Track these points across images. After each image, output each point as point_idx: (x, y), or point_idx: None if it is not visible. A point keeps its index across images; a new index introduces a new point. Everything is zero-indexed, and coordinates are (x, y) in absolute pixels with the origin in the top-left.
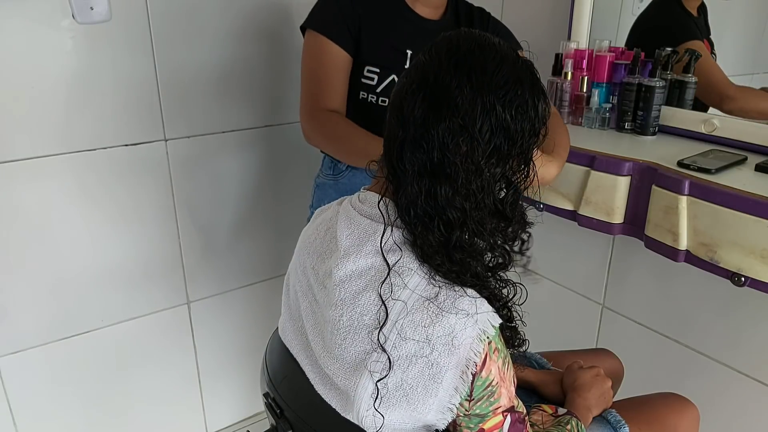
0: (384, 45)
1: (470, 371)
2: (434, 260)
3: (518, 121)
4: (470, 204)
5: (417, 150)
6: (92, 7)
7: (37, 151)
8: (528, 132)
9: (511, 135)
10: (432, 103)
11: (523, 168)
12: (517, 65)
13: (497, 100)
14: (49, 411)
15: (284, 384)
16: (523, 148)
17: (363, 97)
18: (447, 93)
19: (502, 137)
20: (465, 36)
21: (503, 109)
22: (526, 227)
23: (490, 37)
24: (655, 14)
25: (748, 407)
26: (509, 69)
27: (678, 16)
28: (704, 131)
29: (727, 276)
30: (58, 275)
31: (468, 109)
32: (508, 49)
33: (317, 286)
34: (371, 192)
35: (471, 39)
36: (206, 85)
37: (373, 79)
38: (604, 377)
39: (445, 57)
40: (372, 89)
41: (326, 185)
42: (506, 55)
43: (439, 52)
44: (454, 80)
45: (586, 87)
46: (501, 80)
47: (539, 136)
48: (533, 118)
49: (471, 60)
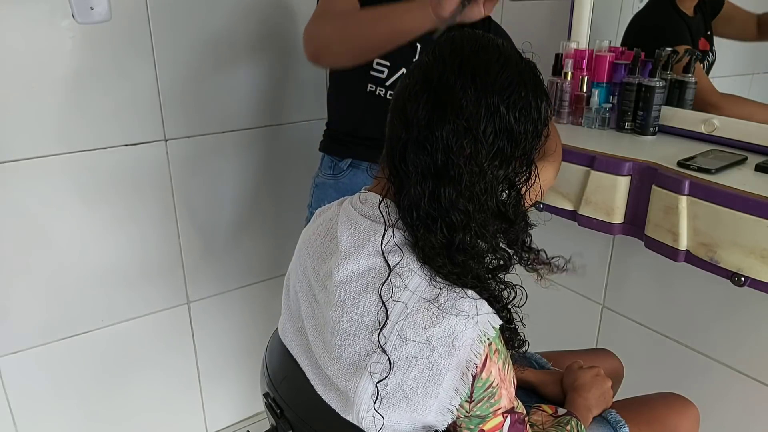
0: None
1: (470, 373)
2: (435, 262)
3: (522, 122)
4: (474, 206)
5: (420, 152)
6: (92, 7)
7: (37, 151)
8: (531, 134)
9: (515, 137)
10: (436, 105)
11: (526, 170)
12: (520, 67)
13: (501, 101)
14: (49, 411)
15: (284, 384)
16: (526, 150)
17: (371, 89)
18: (451, 95)
19: (506, 139)
20: (468, 37)
21: (507, 111)
22: (528, 229)
23: (493, 38)
24: (647, 14)
25: (749, 407)
26: (513, 70)
27: (669, 18)
28: (704, 131)
29: (727, 276)
30: (58, 275)
31: (472, 110)
32: (511, 50)
33: (318, 286)
34: (372, 193)
35: (474, 40)
36: (206, 85)
37: (383, 72)
38: (604, 377)
39: (449, 58)
40: (381, 82)
41: (326, 185)
42: (510, 56)
43: (443, 53)
44: (459, 82)
45: (586, 87)
46: (505, 82)
47: (542, 138)
48: (536, 119)
49: (475, 61)
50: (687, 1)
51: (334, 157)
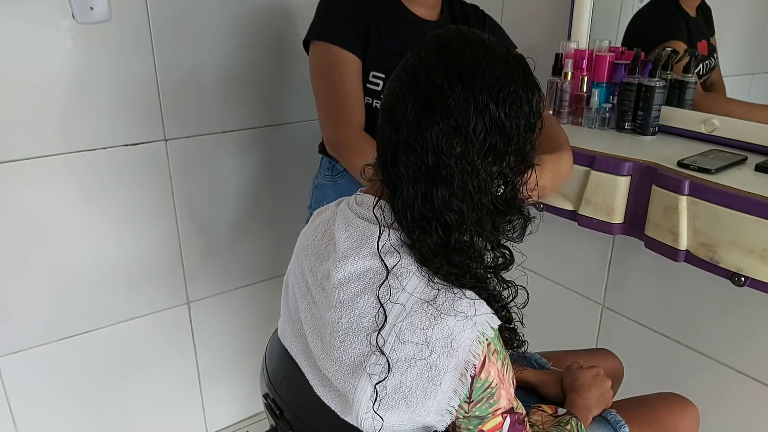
0: (388, 49)
1: (469, 373)
2: (433, 263)
3: (513, 117)
4: (467, 205)
5: (411, 154)
6: (92, 7)
7: (37, 151)
8: (523, 128)
9: (507, 132)
10: (424, 106)
11: (521, 164)
12: (508, 61)
13: (490, 98)
14: (49, 411)
15: (284, 385)
16: (520, 144)
17: (368, 102)
18: (439, 95)
19: (497, 135)
20: (454, 34)
21: (497, 107)
22: (527, 222)
23: (480, 34)
24: (648, 13)
25: (748, 407)
26: (501, 66)
27: (668, 14)
28: (704, 131)
29: (727, 276)
30: (58, 275)
31: (461, 109)
32: (497, 44)
33: (316, 288)
34: (368, 195)
35: (460, 37)
36: (206, 85)
37: (379, 85)
38: (604, 377)
39: (435, 57)
40: (377, 95)
41: (324, 186)
42: (496, 51)
43: (429, 53)
44: (446, 81)
45: (586, 87)
46: (493, 78)
47: (536, 131)
48: (528, 113)
49: (461, 59)
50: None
51: (331, 159)
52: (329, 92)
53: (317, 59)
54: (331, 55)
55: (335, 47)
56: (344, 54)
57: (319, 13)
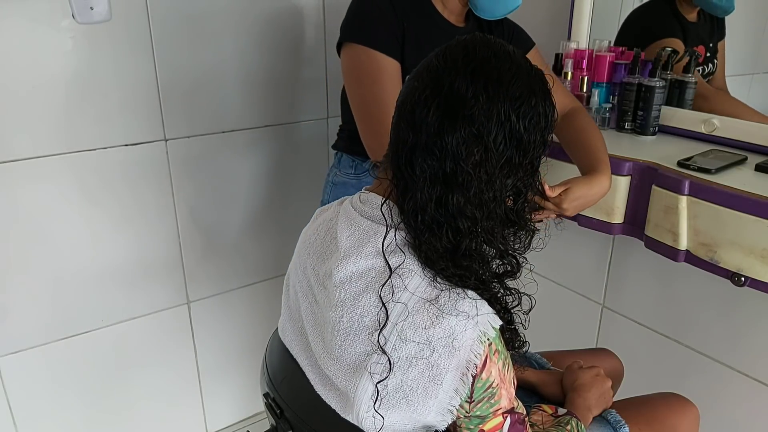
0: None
1: (470, 373)
2: (438, 265)
3: (531, 132)
4: (481, 213)
5: (429, 157)
6: (92, 7)
7: (37, 151)
8: (539, 142)
9: (524, 146)
10: (447, 111)
11: (531, 177)
12: (530, 75)
13: (512, 110)
14: (49, 411)
15: (284, 384)
16: (533, 158)
17: None
18: (462, 102)
19: (515, 148)
20: (481, 42)
21: (518, 120)
22: (534, 234)
23: (505, 45)
24: (642, 11)
25: (748, 407)
26: (524, 79)
27: (663, 13)
28: (704, 131)
29: (727, 276)
30: (58, 275)
31: (483, 119)
32: (521, 58)
33: (317, 286)
34: (373, 193)
35: (487, 46)
36: (206, 85)
37: None
38: (604, 377)
39: (461, 63)
40: None
41: (347, 184)
42: (521, 65)
43: (455, 58)
44: (471, 89)
45: (586, 87)
46: (516, 91)
47: (546, 145)
48: (544, 128)
49: (488, 68)
50: (687, 5)
51: (356, 158)
52: (369, 101)
53: (354, 63)
54: (370, 59)
55: (374, 51)
56: (383, 59)
57: (354, 12)
